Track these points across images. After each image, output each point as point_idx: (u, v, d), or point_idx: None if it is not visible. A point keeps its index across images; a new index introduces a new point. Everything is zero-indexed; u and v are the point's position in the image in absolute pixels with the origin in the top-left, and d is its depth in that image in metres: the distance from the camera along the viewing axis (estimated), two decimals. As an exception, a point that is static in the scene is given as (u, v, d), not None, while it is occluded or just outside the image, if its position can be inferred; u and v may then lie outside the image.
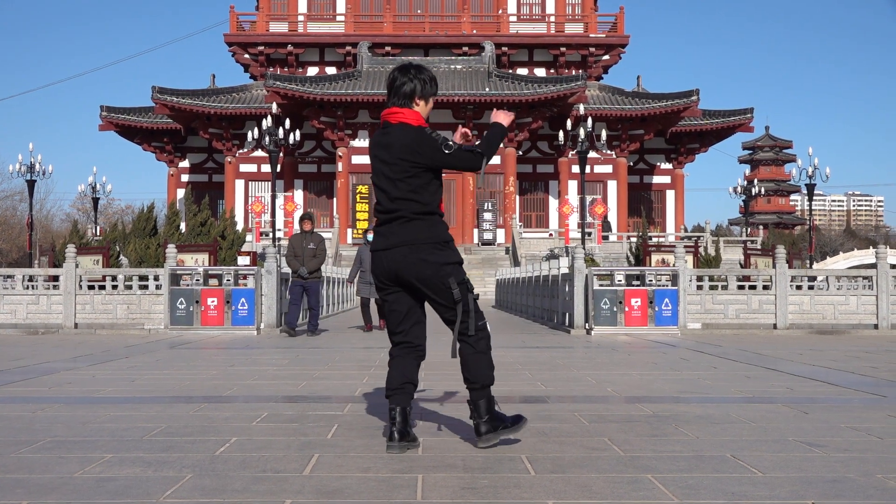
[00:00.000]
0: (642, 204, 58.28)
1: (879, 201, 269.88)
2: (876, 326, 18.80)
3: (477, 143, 5.54)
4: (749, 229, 68.35)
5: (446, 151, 5.31)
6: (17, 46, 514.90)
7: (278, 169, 40.50)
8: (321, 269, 17.51)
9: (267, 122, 38.02)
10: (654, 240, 43.05)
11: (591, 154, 44.40)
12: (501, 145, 35.02)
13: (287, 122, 41.88)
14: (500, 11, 60.95)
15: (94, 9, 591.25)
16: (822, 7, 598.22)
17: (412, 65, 5.61)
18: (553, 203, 57.56)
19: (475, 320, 5.42)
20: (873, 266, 19.48)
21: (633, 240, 40.31)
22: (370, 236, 18.17)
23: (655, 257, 25.44)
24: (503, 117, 5.61)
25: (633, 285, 18.26)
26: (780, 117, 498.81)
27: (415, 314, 5.50)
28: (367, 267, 17.84)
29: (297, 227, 17.51)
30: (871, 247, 73.97)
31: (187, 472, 4.80)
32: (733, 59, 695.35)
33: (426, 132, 5.35)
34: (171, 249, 19.48)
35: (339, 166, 55.43)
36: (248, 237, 46.02)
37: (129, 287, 18.95)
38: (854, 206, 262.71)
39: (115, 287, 19.06)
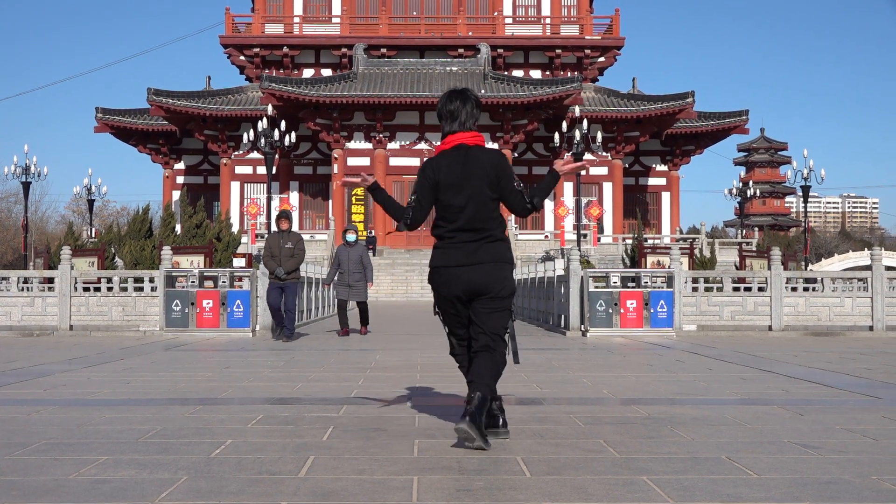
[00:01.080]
0: (638, 206, 58.28)
1: (874, 203, 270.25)
2: (871, 328, 18.82)
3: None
4: (744, 231, 68.48)
5: (515, 187, 5.83)
6: (12, 48, 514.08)
7: (274, 171, 40.56)
8: (299, 270, 16.76)
9: (262, 124, 38.02)
10: (650, 241, 43.08)
11: (587, 156, 44.45)
12: (496, 147, 35.18)
13: (283, 124, 41.87)
14: (496, 13, 60.98)
15: (89, 10, 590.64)
16: (817, 9, 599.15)
17: (467, 90, 6.05)
18: (549, 205, 57.58)
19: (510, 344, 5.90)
20: (868, 268, 19.50)
21: (629, 241, 40.37)
22: (350, 237, 17.83)
23: (651, 259, 25.48)
24: (565, 167, 6.04)
25: (628, 287, 18.27)
26: (775, 119, 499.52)
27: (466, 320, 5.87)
28: (345, 268, 17.59)
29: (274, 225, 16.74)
30: (866, 248, 74.05)
31: (182, 474, 4.79)
32: (729, 61, 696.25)
33: (506, 158, 5.92)
34: (166, 251, 19.46)
35: (335, 168, 55.41)
36: (244, 239, 45.97)
37: (125, 289, 18.92)
38: (849, 207, 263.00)
39: (110, 289, 19.04)
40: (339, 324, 17.97)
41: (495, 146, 54.59)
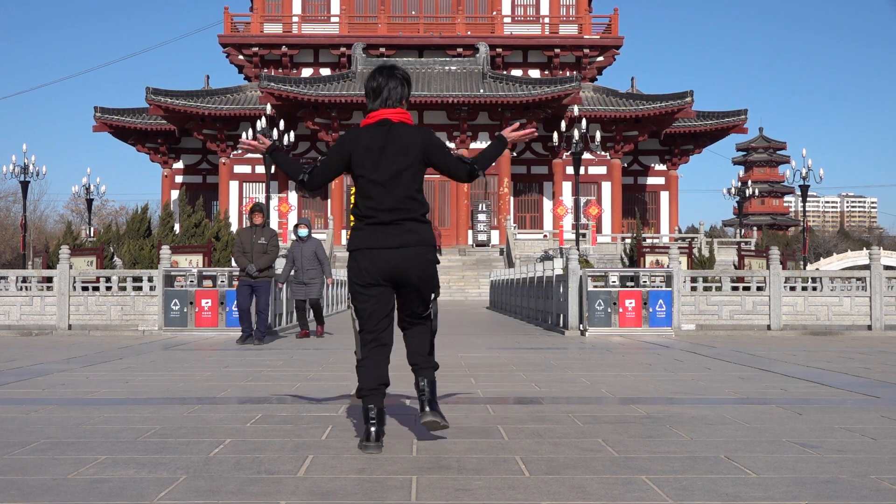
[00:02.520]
0: (636, 205, 58.28)
1: (873, 202, 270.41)
2: (870, 327, 18.83)
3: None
4: (743, 230, 68.51)
5: (451, 155, 5.64)
6: (10, 47, 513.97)
7: (272, 170, 40.52)
8: (273, 268, 15.52)
9: (261, 124, 38.06)
10: (649, 241, 43.10)
11: (586, 155, 44.51)
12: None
13: (281, 124, 41.88)
14: (495, 13, 60.97)
15: (88, 9, 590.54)
16: (816, 8, 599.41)
17: (394, 67, 5.79)
18: (547, 204, 57.61)
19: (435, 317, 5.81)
20: (867, 267, 19.51)
21: (628, 241, 40.37)
22: (301, 231, 16.78)
23: (650, 258, 25.48)
24: (512, 134, 5.81)
25: (627, 286, 18.27)
26: (773, 119, 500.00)
27: (391, 313, 5.62)
28: (299, 265, 16.67)
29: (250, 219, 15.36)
30: (864, 248, 74.12)
31: (181, 473, 4.79)
32: (727, 61, 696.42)
33: (433, 133, 5.68)
34: (165, 251, 19.45)
35: (334, 167, 55.36)
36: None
37: (123, 288, 18.91)
38: (847, 207, 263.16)
39: (108, 288, 19.03)
40: (299, 325, 17.20)
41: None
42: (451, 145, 55.27)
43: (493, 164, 5.84)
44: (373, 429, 5.40)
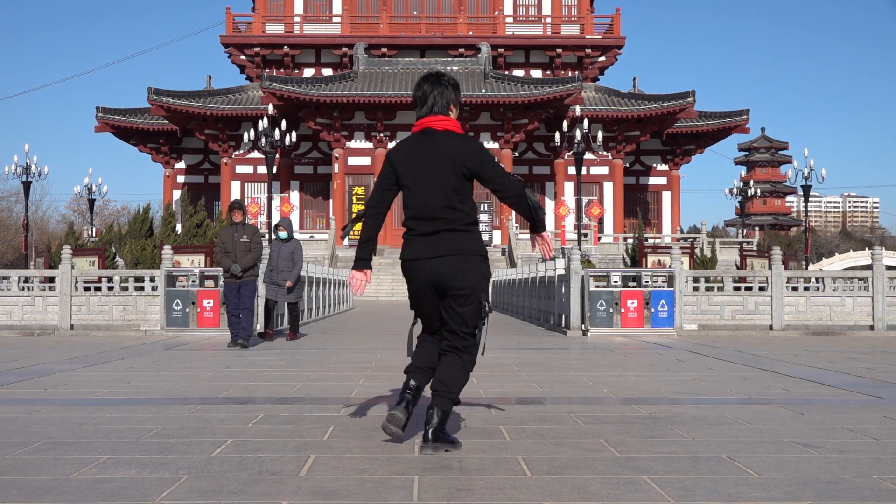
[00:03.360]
0: (638, 205, 58.28)
1: (875, 202, 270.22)
2: (872, 328, 18.81)
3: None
4: (745, 230, 68.46)
5: (501, 171, 5.48)
6: (12, 47, 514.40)
7: (274, 170, 40.55)
8: (257, 266, 14.90)
9: (263, 124, 38.02)
10: (651, 241, 43.10)
11: (588, 155, 44.48)
12: (497, 146, 35.44)
13: (283, 124, 41.90)
14: (497, 13, 60.97)
15: (90, 9, 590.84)
16: (818, 8, 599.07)
17: (440, 74, 5.71)
18: (549, 204, 57.57)
19: (481, 342, 5.55)
20: (869, 267, 19.50)
21: (630, 241, 40.36)
22: (281, 234, 16.21)
23: (651, 258, 25.47)
24: (543, 244, 5.73)
25: (629, 286, 18.26)
26: (776, 119, 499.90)
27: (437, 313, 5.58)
28: (274, 265, 16.14)
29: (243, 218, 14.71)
30: (866, 248, 74.03)
31: (183, 473, 4.79)
32: (729, 61, 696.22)
33: (480, 143, 5.59)
34: (167, 251, 19.46)
35: (336, 168, 55.43)
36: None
37: (125, 288, 18.92)
38: (850, 207, 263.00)
39: (110, 288, 19.04)
40: (265, 326, 16.58)
41: (496, 146, 54.62)
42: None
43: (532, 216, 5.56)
44: (406, 398, 5.42)
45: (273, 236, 16.82)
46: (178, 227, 35.86)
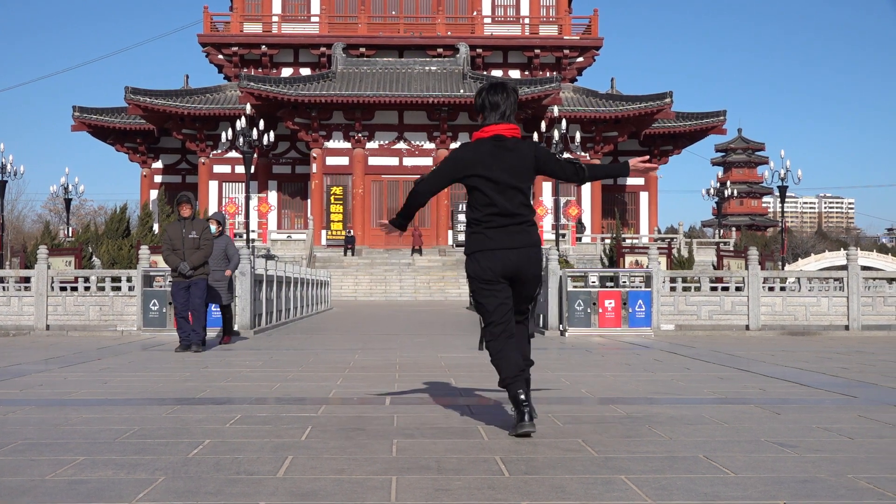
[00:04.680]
0: (616, 205, 58.44)
1: (850, 203, 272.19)
2: (847, 327, 18.94)
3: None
4: (722, 231, 68.81)
5: (560, 160, 6.25)
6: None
7: (252, 170, 40.42)
8: (208, 264, 13.78)
9: (241, 123, 37.93)
10: (628, 241, 43.24)
11: (566, 156, 44.57)
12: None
13: (261, 124, 41.79)
14: (475, 13, 61.01)
15: (66, 8, 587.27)
16: (795, 9, 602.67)
17: (505, 83, 6.23)
18: (527, 205, 57.61)
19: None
20: (844, 268, 19.63)
21: (607, 241, 40.48)
22: (213, 228, 14.83)
23: (629, 259, 25.59)
24: (639, 164, 6.42)
25: (606, 287, 18.32)
26: (752, 120, 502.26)
27: (512, 307, 6.11)
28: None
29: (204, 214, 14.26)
30: (842, 249, 74.57)
31: (160, 474, 4.77)
32: (707, 62, 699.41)
33: (540, 144, 6.28)
34: (144, 251, 19.37)
35: (314, 167, 55.32)
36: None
37: (102, 288, 18.82)
38: (825, 208, 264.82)
39: (87, 288, 18.94)
40: (225, 330, 15.61)
41: (474, 146, 54.63)
42: (432, 145, 55.30)
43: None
44: (526, 410, 5.79)
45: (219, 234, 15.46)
46: (156, 227, 35.71)
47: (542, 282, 6.28)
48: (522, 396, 5.82)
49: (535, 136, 41.92)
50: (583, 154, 55.66)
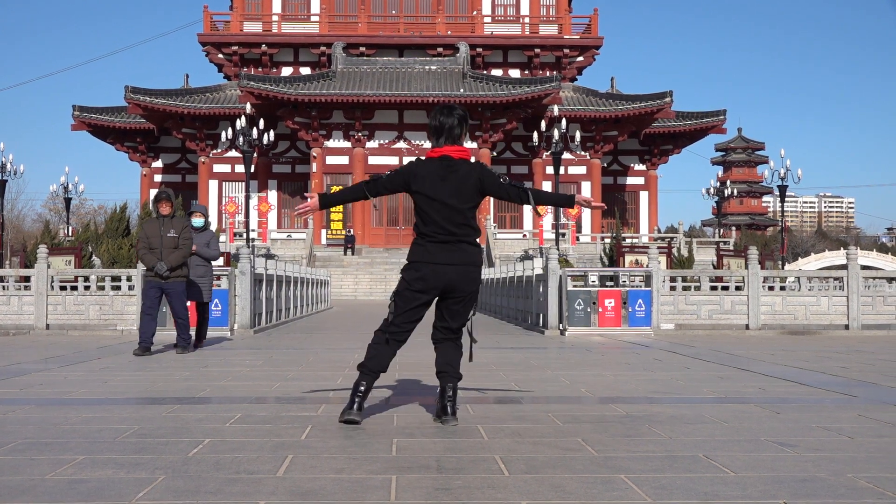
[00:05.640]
0: (616, 205, 58.45)
1: (850, 203, 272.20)
2: (847, 327, 18.94)
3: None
4: (722, 230, 68.79)
5: (504, 183, 6.44)
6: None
7: (252, 169, 40.41)
8: (187, 266, 13.08)
9: (241, 123, 37.91)
10: (628, 241, 43.23)
11: (566, 155, 44.53)
12: (475, 146, 35.63)
13: (261, 123, 41.77)
14: (475, 13, 61.01)
15: (66, 7, 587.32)
16: (795, 8, 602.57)
17: (453, 107, 6.55)
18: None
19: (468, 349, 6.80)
20: (844, 267, 19.63)
21: (607, 240, 40.46)
22: (196, 221, 14.27)
23: (629, 258, 25.57)
24: (582, 199, 6.71)
25: (606, 286, 18.32)
26: (752, 119, 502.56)
27: (419, 322, 6.47)
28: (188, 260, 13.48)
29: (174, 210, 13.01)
30: (842, 248, 74.56)
31: (160, 473, 4.77)
32: (707, 61, 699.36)
33: (486, 166, 6.48)
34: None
35: (314, 167, 55.33)
36: (222, 238, 45.87)
37: (102, 288, 18.81)
38: (825, 207, 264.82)
39: (87, 288, 18.93)
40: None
41: (474, 145, 54.68)
42: (429, 145, 55.27)
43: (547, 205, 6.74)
44: (357, 400, 6.26)
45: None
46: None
47: (476, 301, 6.52)
48: (362, 389, 6.26)
49: (535, 136, 41.89)
50: (583, 153, 55.67)
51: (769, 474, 4.77)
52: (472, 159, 6.50)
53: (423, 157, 6.45)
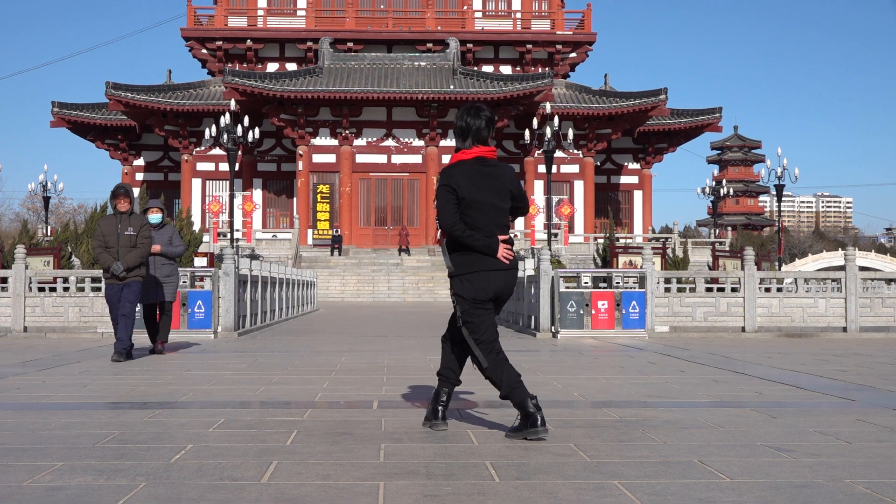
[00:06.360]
0: (609, 204, 58.55)
1: (848, 202, 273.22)
2: (845, 329, 18.99)
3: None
4: (717, 231, 68.89)
5: (525, 194, 6.49)
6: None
7: (236, 167, 40.36)
8: (146, 266, 12.52)
9: (225, 120, 37.88)
10: (622, 241, 43.28)
11: (558, 153, 44.67)
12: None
13: (246, 120, 41.72)
14: (465, 7, 61.02)
15: (46, 2, 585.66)
16: (791, 5, 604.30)
17: (480, 108, 6.42)
18: (519, 203, 57.64)
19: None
20: (842, 268, 19.68)
21: (601, 241, 40.52)
22: (153, 217, 13.46)
23: (623, 259, 25.61)
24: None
25: (599, 287, 18.33)
26: (749, 117, 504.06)
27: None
28: (151, 259, 13.07)
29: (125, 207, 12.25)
30: (839, 248, 74.84)
31: (141, 480, 4.76)
32: (702, 58, 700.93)
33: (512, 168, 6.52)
34: (125, 250, 19.25)
35: (300, 165, 55.26)
36: (206, 238, 45.79)
37: (82, 289, 18.76)
38: (823, 207, 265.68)
39: (66, 289, 18.87)
40: (149, 335, 13.69)
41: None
42: (421, 142, 55.29)
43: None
44: (539, 415, 5.93)
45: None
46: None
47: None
48: (535, 402, 5.97)
49: (527, 134, 41.93)
50: (575, 152, 55.74)
51: (765, 480, 4.78)
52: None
53: (451, 165, 6.31)
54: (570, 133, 40.63)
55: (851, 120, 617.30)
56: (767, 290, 20.11)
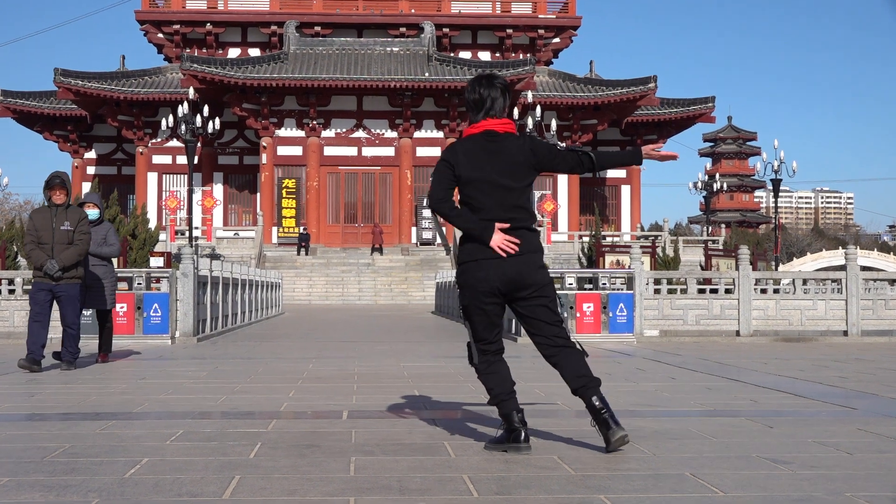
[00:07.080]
0: (595, 200, 58.74)
1: (849, 198, 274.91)
2: (845, 333, 19.11)
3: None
4: (710, 228, 69.23)
5: (560, 151, 6.05)
6: None
7: (195, 161, 40.22)
8: (83, 266, 12.06)
9: (183, 109, 37.75)
10: (609, 239, 43.44)
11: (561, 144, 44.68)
12: (441, 135, 35.72)
13: (205, 109, 41.62)
14: (441, -11, 61.03)
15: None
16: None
17: (493, 76, 6.17)
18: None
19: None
20: (843, 268, 19.80)
21: (586, 239, 40.63)
22: (91, 213, 12.75)
23: (609, 258, 25.71)
24: (651, 151, 6.38)
25: (585, 289, 18.38)
26: (743, 107, 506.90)
27: (501, 323, 6.22)
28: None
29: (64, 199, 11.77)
30: (840, 247, 75.31)
31: (93, 496, 4.74)
32: (694, 45, 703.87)
33: (538, 138, 6.20)
34: (75, 250, 19.16)
35: (264, 158, 55.14)
36: (162, 236, 45.60)
37: (28, 291, 18.64)
38: (822, 202, 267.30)
39: (11, 292, 18.75)
40: (102, 346, 13.36)
41: (440, 134, 54.71)
42: (394, 134, 55.26)
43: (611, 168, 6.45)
44: (523, 430, 5.90)
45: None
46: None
47: (553, 292, 6.06)
48: (520, 416, 5.96)
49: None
50: (559, 143, 55.79)
51: (761, 494, 4.81)
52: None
53: (457, 140, 6.08)
54: (553, 123, 40.71)
55: (852, 110, 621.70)
56: (763, 291, 20.22)
